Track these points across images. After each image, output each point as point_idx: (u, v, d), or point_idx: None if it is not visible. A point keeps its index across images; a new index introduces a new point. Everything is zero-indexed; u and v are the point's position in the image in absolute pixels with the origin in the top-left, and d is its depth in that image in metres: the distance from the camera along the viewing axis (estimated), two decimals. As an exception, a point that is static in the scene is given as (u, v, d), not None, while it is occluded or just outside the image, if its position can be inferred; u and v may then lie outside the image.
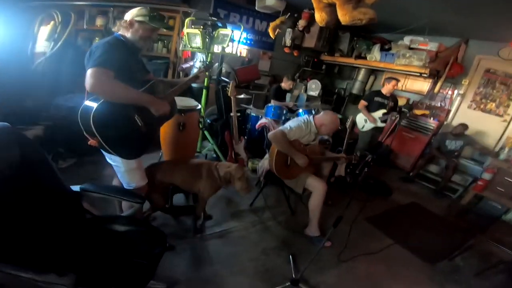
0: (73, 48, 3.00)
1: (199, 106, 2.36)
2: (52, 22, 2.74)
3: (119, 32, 1.46)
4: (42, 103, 2.77)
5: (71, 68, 2.67)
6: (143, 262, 1.22)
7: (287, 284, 1.76)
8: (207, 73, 2.93)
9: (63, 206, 1.30)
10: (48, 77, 2.69)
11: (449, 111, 4.45)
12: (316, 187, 2.22)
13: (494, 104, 4.09)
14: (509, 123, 3.93)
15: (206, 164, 1.98)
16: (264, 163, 2.44)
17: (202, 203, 2.03)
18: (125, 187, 1.63)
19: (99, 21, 3.12)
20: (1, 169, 1.04)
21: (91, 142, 1.35)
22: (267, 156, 2.41)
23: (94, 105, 1.28)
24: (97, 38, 3.05)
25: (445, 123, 4.41)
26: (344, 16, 2.22)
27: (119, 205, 1.72)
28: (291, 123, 2.28)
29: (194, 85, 3.51)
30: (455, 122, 4.23)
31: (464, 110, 4.38)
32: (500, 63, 3.92)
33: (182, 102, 2.27)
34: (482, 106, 4.22)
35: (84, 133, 1.34)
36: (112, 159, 1.53)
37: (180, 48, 3.56)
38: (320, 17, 2.46)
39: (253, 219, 2.47)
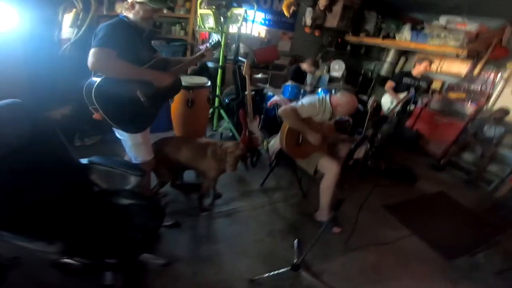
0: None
1: (209, 83, 2.35)
2: (74, 10, 2.89)
3: (124, 13, 1.49)
4: (70, 86, 2.96)
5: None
6: (136, 235, 1.26)
7: (287, 269, 1.70)
8: (221, 52, 2.92)
9: (71, 178, 1.37)
10: (74, 61, 2.87)
11: (490, 95, 3.98)
12: (329, 168, 2.11)
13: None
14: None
15: (212, 144, 1.97)
16: (276, 142, 2.38)
17: (208, 182, 2.03)
18: (132, 161, 1.68)
19: (118, 7, 3.22)
20: (9, 140, 1.13)
21: (95, 116, 1.43)
22: (279, 134, 2.35)
23: (98, 80, 1.35)
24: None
25: (485, 108, 3.97)
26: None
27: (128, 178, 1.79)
28: (304, 100, 2.17)
29: (210, 64, 3.52)
30: (496, 108, 3.79)
31: (507, 95, 3.88)
32: None
33: (191, 79, 2.30)
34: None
35: (89, 107, 1.40)
36: (120, 134, 1.60)
37: (196, 29, 3.56)
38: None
39: (263, 200, 2.44)
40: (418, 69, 3.53)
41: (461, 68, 4.20)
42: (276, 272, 1.68)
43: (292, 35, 4.85)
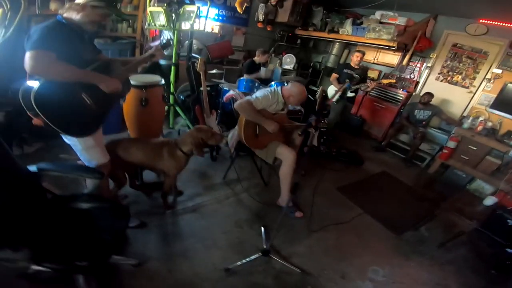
0: (26, 34, 2.86)
1: (162, 81, 2.32)
2: (0, 10, 2.59)
3: (64, 15, 1.40)
4: (1, 90, 2.66)
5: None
6: (106, 237, 1.25)
7: (258, 255, 1.80)
8: (174, 49, 2.87)
9: (19, 186, 1.29)
10: (2, 64, 2.59)
11: (417, 82, 4.61)
12: (286, 156, 2.26)
13: (460, 77, 4.26)
14: (474, 94, 4.10)
15: (166, 143, 1.96)
16: (234, 134, 2.47)
17: (168, 180, 2.02)
18: (87, 164, 1.62)
19: (53, 6, 2.94)
20: None
21: (35, 121, 1.34)
22: (236, 127, 2.43)
23: (35, 84, 1.26)
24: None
25: (414, 93, 4.59)
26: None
27: (85, 183, 1.72)
28: (257, 93, 2.30)
29: (162, 62, 3.43)
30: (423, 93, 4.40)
31: (432, 82, 4.54)
32: (467, 38, 4.08)
33: (144, 78, 2.24)
34: (449, 78, 4.38)
35: (28, 112, 1.32)
36: (68, 138, 1.51)
37: (145, 27, 3.42)
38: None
39: (226, 192, 2.52)
40: (353, 60, 3.97)
41: (393, 59, 4.76)
42: (248, 259, 1.77)
43: (245, 30, 4.93)
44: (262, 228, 2.08)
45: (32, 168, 1.37)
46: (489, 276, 2.13)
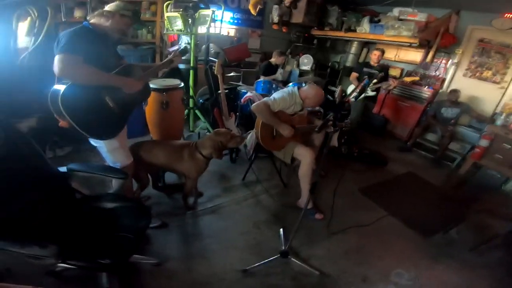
0: (54, 40, 3.05)
1: (182, 85, 2.37)
2: (29, 18, 2.78)
3: (91, 21, 1.50)
4: (33, 96, 2.83)
5: (56, 59, 2.79)
6: (128, 236, 1.28)
7: (276, 257, 1.77)
8: (192, 54, 2.94)
9: (51, 186, 1.36)
10: (34, 71, 2.76)
11: (444, 79, 4.38)
12: (304, 156, 2.22)
13: (490, 72, 4.00)
14: (506, 89, 3.84)
15: (186, 145, 1.99)
16: (252, 136, 2.46)
17: (189, 183, 2.05)
18: (111, 165, 1.68)
19: (77, 13, 3.13)
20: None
21: (62, 123, 1.42)
22: (254, 129, 2.43)
23: (62, 87, 1.34)
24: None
25: (440, 91, 4.36)
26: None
27: (110, 183, 1.78)
28: (275, 95, 2.28)
29: (181, 66, 3.52)
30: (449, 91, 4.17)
31: (459, 78, 4.30)
32: (494, 33, 3.83)
33: (164, 82, 2.31)
34: (478, 74, 4.13)
35: (55, 115, 1.39)
36: (94, 141, 1.59)
37: (164, 32, 3.53)
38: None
39: (245, 193, 2.51)
40: (373, 59, 3.87)
41: (416, 56, 4.56)
42: (266, 260, 1.74)
43: (261, 32, 4.95)
44: (281, 230, 2.05)
45: (62, 168, 1.44)
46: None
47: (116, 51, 1.73)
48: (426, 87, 4.33)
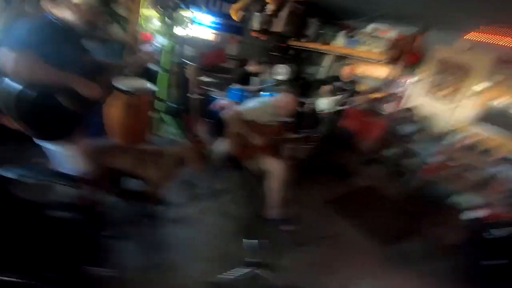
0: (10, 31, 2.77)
1: (150, 88, 2.30)
2: None
3: (54, 13, 1.37)
4: None
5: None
6: (79, 247, 1.21)
7: (243, 268, 1.78)
8: (166, 55, 2.85)
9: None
10: None
11: (404, 96, 4.70)
12: (275, 168, 2.25)
13: (446, 91, 4.32)
14: (457, 109, 4.18)
15: (154, 151, 1.94)
16: (222, 145, 2.45)
17: (153, 189, 1.99)
18: (66, 171, 1.57)
19: (43, 3, 2.90)
20: None
21: (7, 122, 1.31)
22: (225, 137, 2.42)
23: (17, 86, 1.23)
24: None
25: (400, 108, 4.66)
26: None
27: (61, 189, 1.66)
28: (248, 103, 2.30)
29: (153, 67, 3.39)
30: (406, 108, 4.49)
31: (418, 96, 4.62)
32: (454, 54, 4.17)
33: (133, 83, 2.21)
34: (434, 93, 4.47)
35: (3, 112, 1.28)
36: (47, 144, 1.47)
37: (137, 30, 3.39)
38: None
39: (212, 203, 2.48)
40: (345, 73, 4.02)
41: (382, 72, 4.86)
42: (232, 272, 1.75)
43: (239, 38, 4.95)
44: (248, 241, 2.05)
45: (4, 172, 1.32)
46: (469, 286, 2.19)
47: (82, 46, 1.58)
48: (388, 103, 4.61)
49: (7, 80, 1.25)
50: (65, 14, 1.36)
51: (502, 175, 3.22)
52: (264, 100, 2.36)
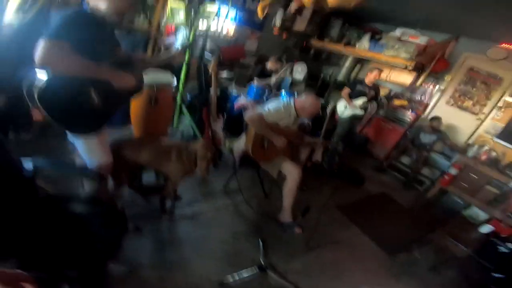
0: (44, 22, 2.79)
1: (175, 82, 2.27)
2: None
3: (90, 3, 1.32)
4: (6, 75, 2.62)
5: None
6: (99, 245, 1.19)
7: (254, 270, 1.77)
8: (188, 48, 2.82)
9: (12, 183, 1.21)
10: (13, 50, 2.55)
11: (427, 105, 4.54)
12: (291, 172, 2.22)
13: (471, 102, 4.18)
14: (482, 121, 4.05)
15: (177, 146, 1.91)
16: (240, 144, 2.41)
17: (171, 185, 1.97)
18: (87, 164, 1.56)
19: None
20: None
21: (37, 116, 1.28)
22: (243, 137, 2.37)
23: (43, 77, 1.20)
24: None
25: (422, 116, 4.52)
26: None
27: (82, 183, 1.66)
28: (270, 106, 2.25)
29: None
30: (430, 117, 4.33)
31: (442, 105, 4.48)
32: (485, 63, 3.98)
33: (156, 76, 2.17)
34: (459, 103, 4.31)
35: (31, 106, 1.26)
36: (70, 135, 1.45)
37: (163, 23, 3.36)
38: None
39: (226, 201, 2.46)
40: (369, 77, 3.87)
41: (406, 78, 4.70)
42: (244, 273, 1.74)
43: (260, 35, 4.87)
44: (260, 242, 2.03)
45: (27, 163, 1.30)
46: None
47: (114, 38, 1.54)
48: (410, 111, 4.47)
49: (39, 71, 1.23)
50: (99, 4, 1.33)
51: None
52: (286, 102, 2.30)
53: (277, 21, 4.49)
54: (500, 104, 3.85)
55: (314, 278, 1.95)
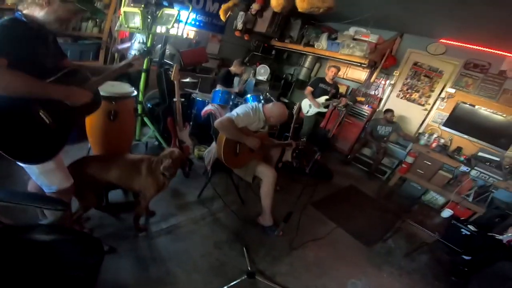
0: None
1: (135, 93, 2.12)
2: None
3: (24, 11, 1.15)
4: None
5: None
6: (78, 274, 1.08)
7: (243, 278, 1.75)
8: (147, 57, 2.67)
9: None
10: None
11: (381, 99, 4.92)
12: (267, 174, 2.23)
13: (417, 94, 4.63)
14: (429, 112, 4.48)
15: (146, 159, 1.80)
16: (211, 151, 2.37)
17: (144, 202, 1.86)
18: (45, 190, 1.40)
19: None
20: None
21: None
22: (214, 144, 2.33)
23: None
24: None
25: (377, 110, 4.87)
26: (302, 3, 2.18)
27: (41, 211, 1.48)
28: (238, 110, 2.22)
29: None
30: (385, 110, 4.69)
31: (393, 98, 4.88)
32: (427, 57, 4.42)
33: (114, 88, 2.00)
34: (407, 96, 4.74)
35: None
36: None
37: (116, 28, 3.13)
38: (276, 1, 2.39)
39: (202, 211, 2.39)
40: (328, 75, 4.08)
41: (361, 75, 5.03)
42: (233, 283, 1.71)
43: (221, 37, 4.83)
44: (244, 249, 2.02)
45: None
46: (450, 282, 2.36)
47: (59, 48, 1.38)
48: (367, 105, 4.79)
49: None
50: (35, 12, 1.17)
51: (469, 174, 3.49)
52: (255, 107, 2.30)
53: (239, 23, 4.49)
54: (442, 95, 4.31)
55: (301, 277, 1.98)
